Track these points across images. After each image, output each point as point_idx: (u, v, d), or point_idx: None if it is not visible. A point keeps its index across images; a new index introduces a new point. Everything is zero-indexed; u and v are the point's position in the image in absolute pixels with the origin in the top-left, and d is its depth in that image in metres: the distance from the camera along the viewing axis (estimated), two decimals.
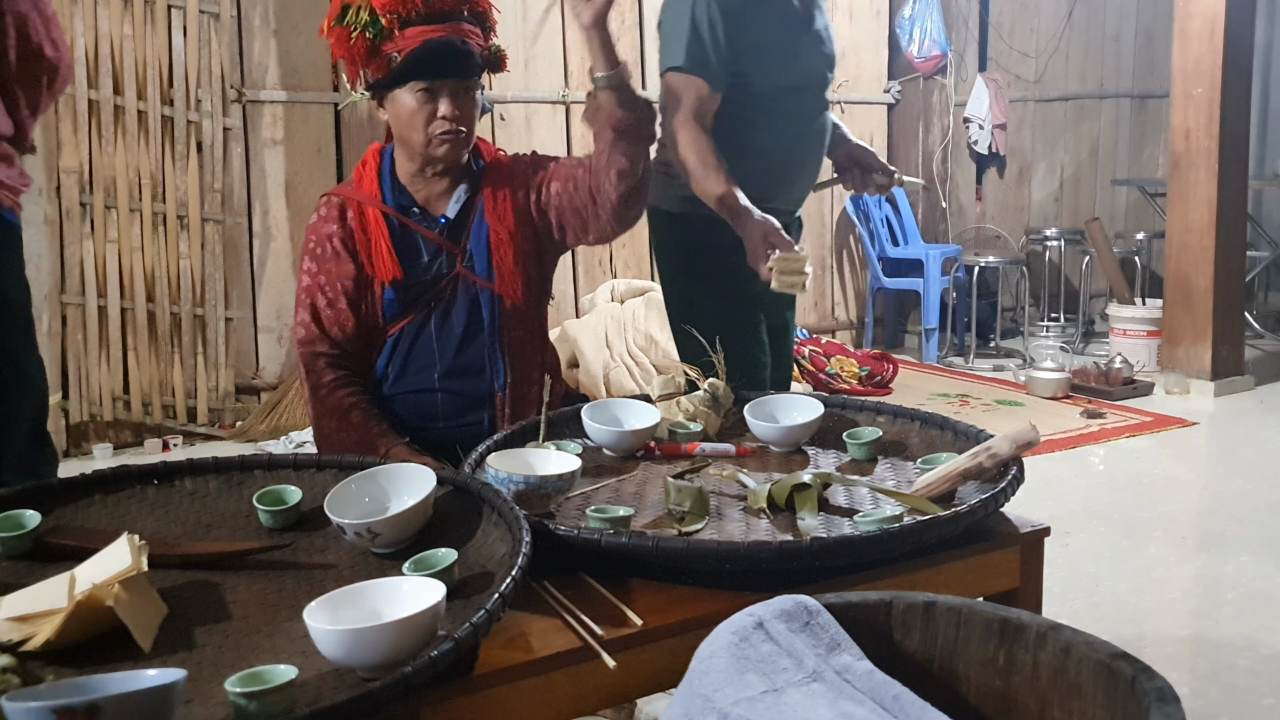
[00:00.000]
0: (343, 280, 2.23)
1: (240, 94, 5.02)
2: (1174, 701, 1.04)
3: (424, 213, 2.28)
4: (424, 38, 2.17)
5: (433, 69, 2.17)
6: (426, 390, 2.25)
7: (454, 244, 2.26)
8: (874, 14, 6.71)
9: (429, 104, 2.18)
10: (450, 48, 2.18)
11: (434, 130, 2.19)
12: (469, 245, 2.27)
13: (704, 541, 1.50)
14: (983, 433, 1.86)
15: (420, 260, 2.25)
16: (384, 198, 2.27)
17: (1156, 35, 7.72)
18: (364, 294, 2.24)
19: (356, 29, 2.17)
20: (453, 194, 2.28)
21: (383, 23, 2.15)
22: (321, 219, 2.28)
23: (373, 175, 2.29)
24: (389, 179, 2.28)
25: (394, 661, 1.18)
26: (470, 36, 2.22)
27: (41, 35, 2.27)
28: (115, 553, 1.39)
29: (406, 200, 2.27)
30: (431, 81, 2.17)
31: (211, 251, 4.97)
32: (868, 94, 6.76)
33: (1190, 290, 5.58)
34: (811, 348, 5.77)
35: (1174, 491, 4.33)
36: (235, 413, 5.08)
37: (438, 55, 2.17)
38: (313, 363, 2.23)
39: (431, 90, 2.17)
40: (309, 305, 2.24)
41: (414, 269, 2.24)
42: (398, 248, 2.24)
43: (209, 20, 4.90)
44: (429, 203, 2.28)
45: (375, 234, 2.23)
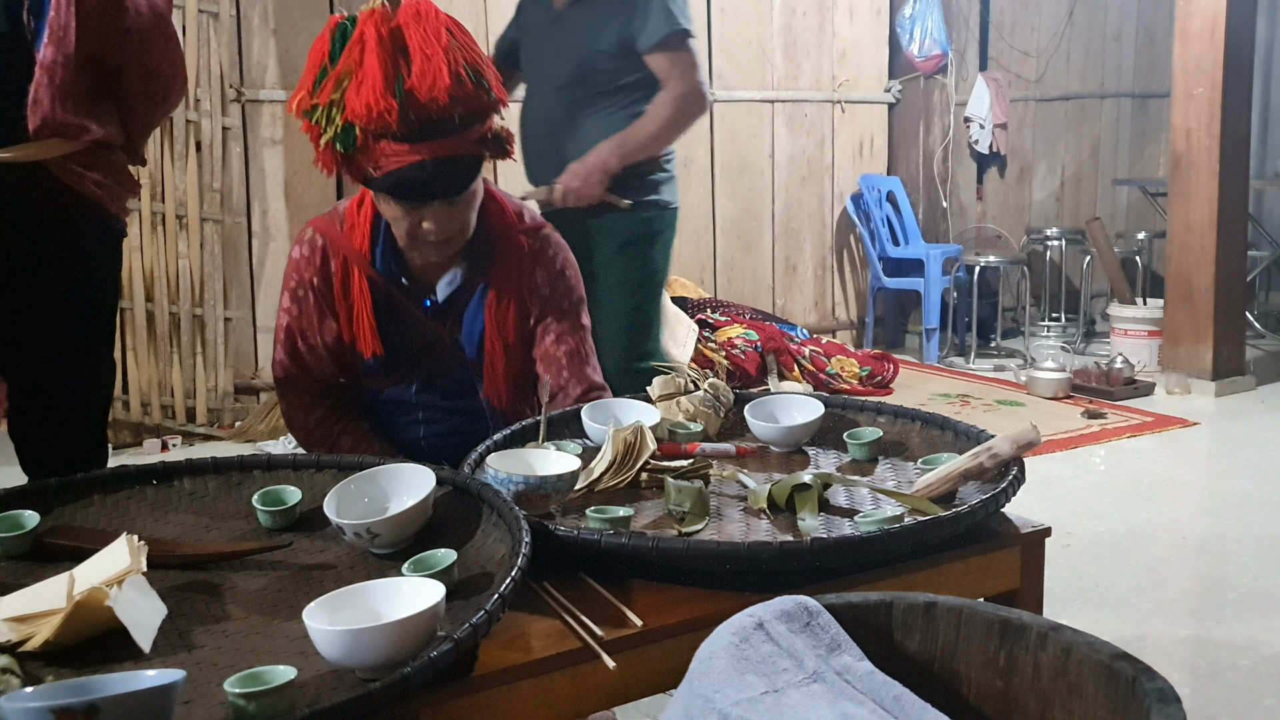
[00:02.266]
0: (323, 333, 2.08)
1: (239, 93, 5.02)
2: (1175, 702, 1.04)
3: (414, 284, 2.08)
4: (403, 161, 1.86)
5: (414, 193, 1.91)
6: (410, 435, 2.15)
7: (441, 324, 2.10)
8: (874, 13, 6.71)
9: (414, 215, 1.94)
10: (435, 173, 1.88)
11: (419, 236, 1.97)
12: (460, 330, 2.12)
13: (704, 542, 1.50)
14: (983, 433, 1.86)
15: (405, 329, 2.09)
16: (374, 259, 2.05)
17: (1157, 35, 7.72)
18: (345, 349, 2.10)
19: (324, 137, 1.87)
20: (446, 272, 2.08)
21: (356, 137, 1.86)
22: (304, 259, 2.07)
23: (366, 228, 2.05)
24: (383, 238, 2.04)
25: (393, 662, 1.18)
26: (462, 149, 1.91)
27: (160, 53, 2.36)
28: (114, 553, 1.39)
29: (398, 267, 2.06)
30: (413, 202, 1.93)
31: (210, 251, 4.97)
32: (868, 93, 6.76)
33: (1191, 290, 5.57)
34: (812, 348, 5.77)
35: (1175, 491, 4.33)
36: (234, 413, 5.07)
37: (419, 181, 1.89)
38: (293, 400, 2.13)
39: (414, 206, 1.93)
40: (288, 347, 2.10)
41: (398, 336, 2.08)
42: (382, 314, 2.06)
43: (208, 19, 4.90)
44: (421, 273, 2.08)
45: (358, 302, 2.04)
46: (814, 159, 6.61)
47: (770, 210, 6.51)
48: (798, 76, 6.50)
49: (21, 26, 2.23)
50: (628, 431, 1.79)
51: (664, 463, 1.82)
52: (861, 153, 6.80)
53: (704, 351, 5.45)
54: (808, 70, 6.53)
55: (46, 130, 2.22)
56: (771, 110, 6.42)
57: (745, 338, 5.58)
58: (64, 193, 2.29)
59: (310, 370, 2.12)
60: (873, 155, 6.85)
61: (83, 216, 2.35)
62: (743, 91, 6.30)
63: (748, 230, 6.44)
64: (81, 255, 2.37)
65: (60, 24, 2.20)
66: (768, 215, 6.50)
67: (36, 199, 2.28)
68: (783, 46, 6.42)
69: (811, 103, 6.55)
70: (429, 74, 1.82)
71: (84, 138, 2.27)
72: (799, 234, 6.62)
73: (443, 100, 1.83)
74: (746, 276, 6.47)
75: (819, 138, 6.61)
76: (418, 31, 1.84)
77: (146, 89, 2.38)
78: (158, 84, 2.39)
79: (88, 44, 2.25)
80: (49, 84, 2.21)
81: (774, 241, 6.54)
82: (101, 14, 2.25)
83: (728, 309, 5.90)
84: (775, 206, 6.52)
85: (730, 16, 6.20)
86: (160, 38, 2.36)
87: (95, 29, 2.25)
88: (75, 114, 2.25)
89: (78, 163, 2.29)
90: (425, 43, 1.84)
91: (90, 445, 2.45)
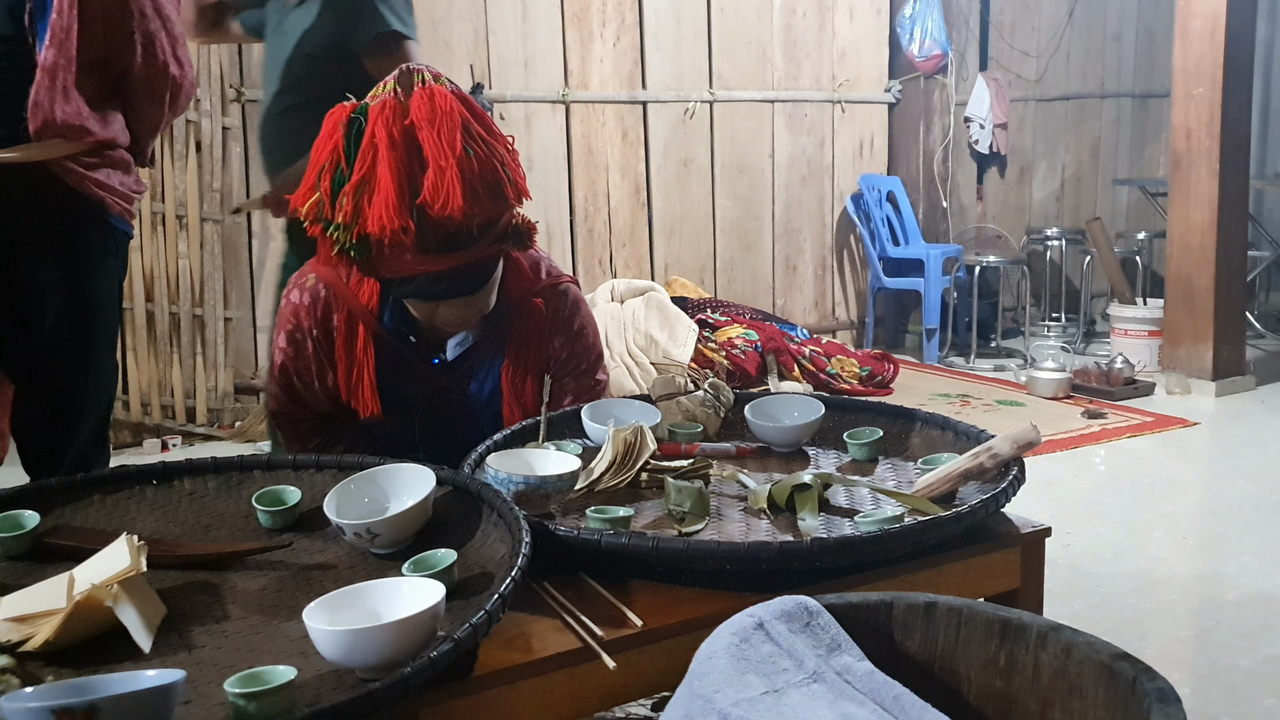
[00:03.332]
0: (320, 379, 2.01)
1: (239, 93, 5.02)
2: (1175, 702, 1.04)
3: (422, 343, 2.02)
4: (421, 269, 1.82)
5: (431, 295, 1.87)
6: None
7: (449, 379, 2.04)
8: (874, 13, 6.71)
9: (429, 305, 1.91)
10: (451, 279, 1.84)
11: (436, 321, 1.94)
12: (469, 387, 2.06)
13: (704, 542, 1.50)
14: (984, 433, 1.86)
15: (408, 386, 2.02)
16: (381, 315, 1.98)
17: (1158, 34, 7.72)
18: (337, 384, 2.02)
19: (339, 246, 1.80)
20: (457, 334, 2.03)
21: (370, 250, 1.79)
22: (305, 307, 1.98)
23: (374, 285, 1.96)
24: (393, 298, 1.96)
25: (393, 662, 1.18)
26: (480, 254, 1.86)
27: (168, 54, 2.37)
28: (114, 553, 1.39)
29: (406, 326, 1.99)
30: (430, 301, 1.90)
31: (210, 251, 4.97)
32: (868, 93, 6.76)
33: (1191, 290, 5.57)
34: (812, 348, 5.77)
35: (1175, 491, 4.33)
36: (234, 413, 5.07)
37: (435, 288, 1.86)
38: (292, 431, 2.09)
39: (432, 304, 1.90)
40: (284, 384, 2.03)
41: (399, 393, 2.01)
42: (385, 368, 1.98)
43: None
44: (427, 337, 2.03)
45: (361, 362, 1.97)
46: (814, 159, 6.61)
47: (770, 210, 6.51)
48: (798, 76, 6.50)
49: (24, 29, 2.23)
50: (628, 431, 1.79)
51: (664, 463, 1.82)
52: (861, 153, 6.80)
53: (704, 351, 5.45)
54: (808, 70, 6.53)
55: (48, 132, 2.23)
56: (771, 110, 6.42)
57: (745, 338, 5.58)
58: (66, 194, 2.30)
59: (306, 406, 2.08)
60: (873, 155, 6.85)
61: (85, 218, 2.35)
62: (743, 91, 6.30)
63: (748, 230, 6.44)
64: (83, 256, 2.37)
65: (62, 26, 2.20)
66: (768, 215, 6.50)
67: (38, 200, 2.28)
68: (783, 46, 6.42)
69: (811, 103, 6.55)
70: (442, 190, 1.74)
71: (86, 139, 2.28)
72: (799, 234, 6.62)
73: (457, 218, 1.76)
74: (746, 276, 6.47)
75: (819, 138, 6.61)
76: (431, 136, 1.75)
77: (153, 91, 2.38)
78: (164, 86, 2.39)
79: (92, 46, 2.25)
80: (50, 86, 2.21)
81: (774, 241, 6.54)
82: (105, 17, 2.25)
83: (728, 309, 5.90)
84: (775, 206, 6.52)
85: (730, 16, 6.20)
86: (167, 38, 2.36)
87: (100, 32, 2.25)
88: (77, 116, 2.25)
89: (80, 164, 2.29)
90: (439, 153, 1.75)
91: (92, 446, 2.45)
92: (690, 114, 6.11)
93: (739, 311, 5.93)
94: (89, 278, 2.38)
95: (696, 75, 6.14)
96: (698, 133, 6.18)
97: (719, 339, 5.57)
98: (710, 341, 5.54)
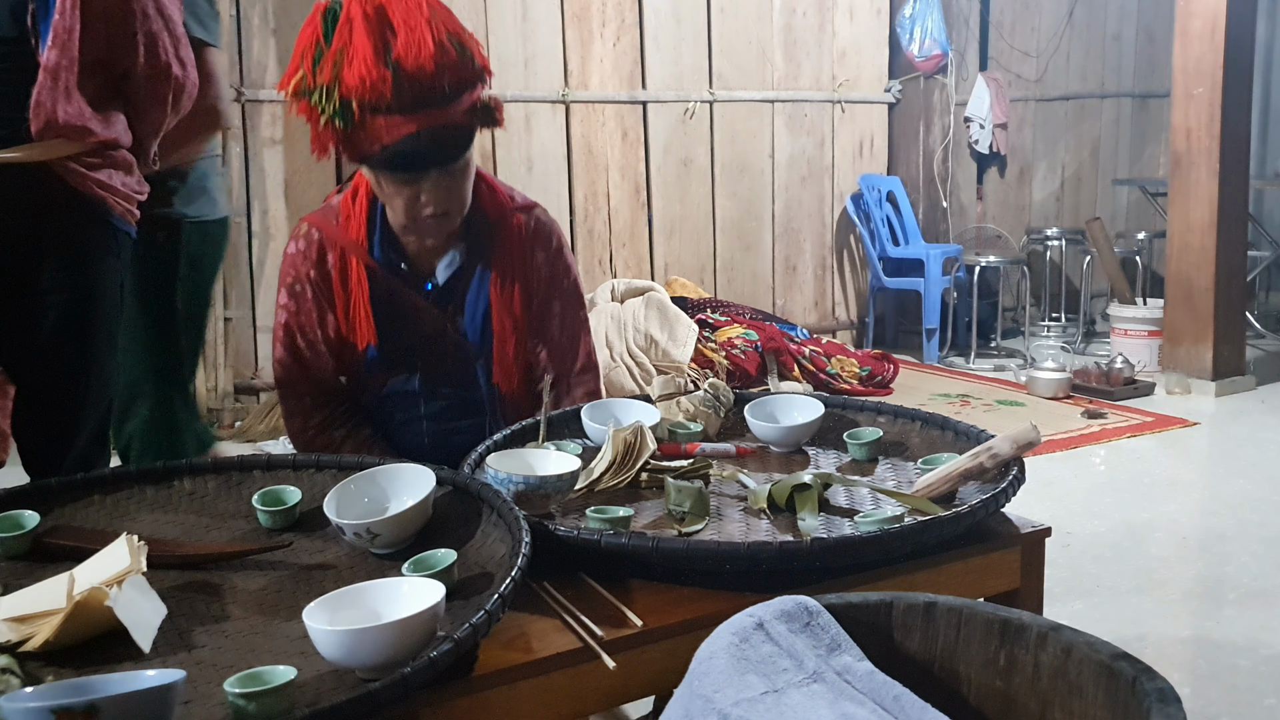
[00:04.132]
0: (322, 328, 2.08)
1: (239, 93, 5.02)
2: (1175, 702, 1.04)
3: (412, 270, 2.10)
4: (400, 132, 1.91)
5: (411, 163, 1.95)
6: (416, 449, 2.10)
7: (442, 309, 2.11)
8: (874, 13, 6.71)
9: (409, 188, 1.97)
10: (430, 142, 1.93)
11: (417, 213, 1.99)
12: (462, 314, 2.13)
13: (704, 542, 1.50)
14: (984, 433, 1.86)
15: (405, 320, 2.09)
16: (371, 248, 2.07)
17: (1157, 34, 7.72)
18: (345, 345, 2.10)
19: (324, 114, 1.91)
20: (445, 255, 2.11)
21: (353, 112, 1.90)
22: (300, 253, 2.09)
23: (361, 217, 2.07)
24: (379, 225, 2.07)
25: (393, 662, 1.18)
26: (454, 117, 1.95)
27: (170, 54, 2.36)
28: (114, 553, 1.39)
29: (395, 254, 2.08)
30: (411, 173, 1.96)
31: None
32: (868, 93, 6.76)
33: (1191, 290, 5.57)
34: (812, 348, 5.77)
35: (1175, 491, 4.33)
36: (234, 413, 5.07)
37: (414, 151, 1.93)
38: (293, 405, 2.11)
39: (412, 178, 1.96)
40: (288, 345, 2.09)
41: (398, 328, 2.09)
42: (381, 305, 2.07)
43: None
44: (419, 258, 2.10)
45: (355, 292, 2.05)
46: (814, 159, 6.61)
47: (770, 210, 6.51)
48: (798, 76, 6.50)
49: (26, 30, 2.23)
50: (628, 431, 1.79)
51: (664, 463, 1.82)
52: (861, 153, 6.80)
53: (704, 351, 5.46)
54: (808, 70, 6.53)
55: (50, 132, 2.23)
56: (771, 110, 6.42)
57: (745, 338, 5.58)
58: (68, 194, 2.30)
59: (311, 370, 2.12)
60: (873, 155, 6.85)
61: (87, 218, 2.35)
62: (743, 91, 6.30)
63: (748, 230, 6.44)
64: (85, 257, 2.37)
65: (65, 27, 2.20)
66: (768, 215, 6.50)
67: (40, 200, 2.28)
68: (783, 46, 6.42)
69: (811, 103, 6.55)
70: (414, 43, 1.88)
71: (88, 140, 2.28)
72: (799, 234, 6.62)
73: (429, 68, 1.89)
74: (746, 276, 6.47)
75: (819, 138, 6.61)
76: (400, 6, 1.91)
77: (155, 92, 2.37)
78: (167, 87, 2.38)
79: (94, 47, 2.25)
80: (52, 86, 2.21)
81: (774, 241, 6.54)
82: (108, 17, 2.25)
83: (728, 309, 5.90)
84: (775, 206, 6.52)
85: (730, 16, 6.20)
86: (169, 38, 2.36)
87: (102, 32, 2.25)
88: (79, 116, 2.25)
89: (82, 164, 2.29)
90: (408, 15, 1.90)
91: (93, 446, 2.45)
92: (690, 114, 6.11)
93: (739, 311, 5.93)
94: (90, 278, 2.38)
95: (696, 75, 6.14)
96: (698, 133, 6.18)
97: (719, 339, 5.57)
98: (710, 341, 5.54)
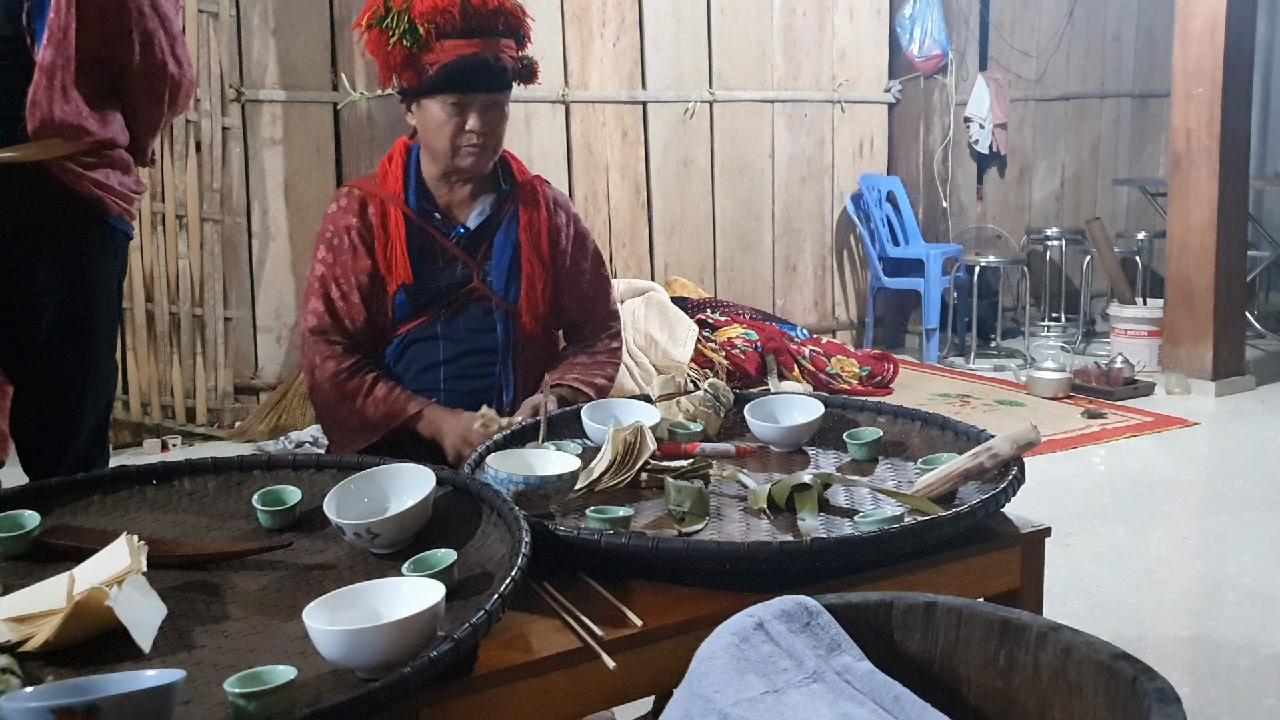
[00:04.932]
0: (358, 275, 2.24)
1: (239, 93, 5.02)
2: (1175, 702, 1.04)
3: (445, 219, 2.29)
4: (459, 52, 2.18)
5: (464, 83, 2.18)
6: (430, 378, 2.26)
7: (471, 257, 2.27)
8: (874, 13, 6.71)
9: (458, 116, 2.19)
10: (483, 63, 2.19)
11: (461, 141, 2.21)
12: (488, 261, 2.28)
13: (704, 542, 1.50)
14: (984, 433, 1.86)
15: (435, 267, 2.26)
16: (407, 199, 2.27)
17: (1157, 34, 7.72)
18: (377, 291, 2.25)
19: (394, 36, 2.17)
20: (475, 205, 2.30)
21: (421, 33, 2.16)
22: (341, 209, 2.28)
23: (398, 173, 2.29)
24: (414, 179, 2.29)
25: (393, 662, 1.18)
26: (504, 51, 2.23)
27: (166, 53, 2.37)
28: (114, 553, 1.39)
29: (429, 204, 2.28)
30: (462, 95, 2.18)
31: (210, 251, 4.97)
32: (868, 93, 6.76)
33: (1191, 290, 5.57)
34: (812, 348, 5.77)
35: (1175, 491, 4.33)
36: (234, 413, 5.07)
37: (470, 71, 2.18)
38: (326, 350, 2.23)
39: (461, 103, 2.19)
40: (323, 295, 2.24)
41: (428, 275, 2.25)
42: (414, 252, 2.24)
43: (208, 19, 4.90)
44: (450, 209, 2.29)
45: (394, 234, 2.24)
46: (814, 159, 6.61)
47: (770, 210, 6.51)
48: (798, 76, 6.50)
49: (22, 29, 2.23)
50: (628, 431, 1.79)
51: (664, 463, 1.82)
52: (861, 153, 6.80)
53: (704, 351, 5.46)
54: (808, 70, 6.53)
55: (46, 131, 2.23)
56: (771, 110, 6.42)
57: (745, 338, 5.58)
58: (64, 194, 2.30)
59: (344, 318, 2.24)
60: (873, 155, 6.85)
61: (84, 218, 2.35)
62: (743, 91, 6.30)
63: (748, 230, 6.44)
64: (82, 257, 2.37)
65: (60, 26, 2.20)
66: (768, 215, 6.50)
67: (36, 200, 2.28)
68: (783, 46, 6.42)
69: (811, 103, 6.55)
70: None
71: (84, 139, 2.27)
72: (799, 234, 6.62)
73: (492, 4, 2.18)
74: (746, 276, 6.47)
75: (819, 138, 6.61)
76: None
77: (152, 90, 2.38)
78: (163, 85, 2.39)
79: (90, 46, 2.25)
80: (48, 85, 2.21)
81: (774, 241, 6.54)
82: (103, 16, 2.25)
83: (728, 309, 5.90)
84: (775, 206, 6.52)
85: (730, 16, 6.20)
86: (165, 36, 2.36)
87: (98, 31, 2.25)
88: (76, 115, 2.25)
89: (78, 164, 2.29)
90: None
91: (92, 446, 2.45)
92: (690, 114, 6.11)
93: (739, 311, 5.93)
94: (88, 278, 2.38)
95: (696, 75, 6.14)
96: (698, 133, 6.18)
97: (719, 339, 5.57)
98: (710, 341, 5.54)
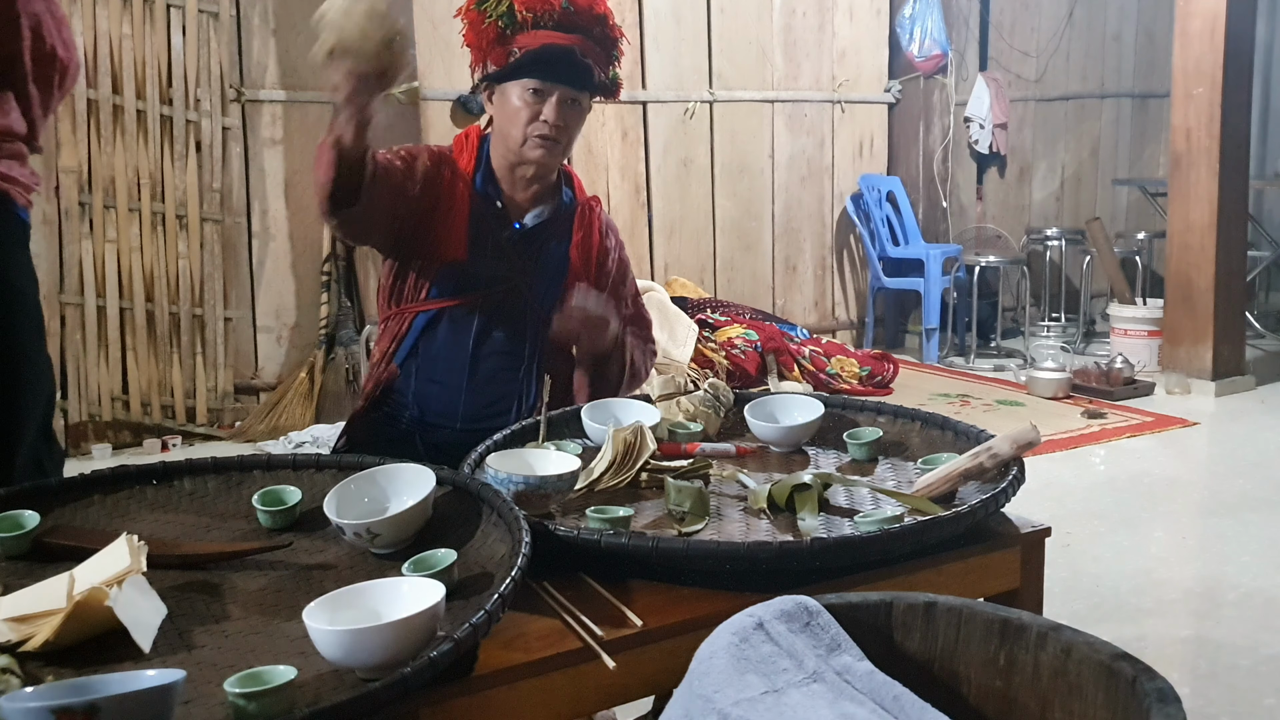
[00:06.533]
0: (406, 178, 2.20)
1: (239, 93, 5.02)
2: (1175, 702, 1.04)
3: (504, 212, 2.30)
4: (549, 40, 2.22)
5: (548, 71, 2.20)
6: (451, 388, 2.24)
7: (519, 255, 2.28)
8: (874, 13, 6.71)
9: (535, 105, 2.20)
10: (570, 55, 2.22)
11: (533, 131, 2.21)
12: (535, 266, 2.29)
13: (704, 542, 1.50)
14: (983, 433, 1.86)
15: (484, 255, 2.27)
16: (475, 181, 2.30)
17: (1157, 35, 7.72)
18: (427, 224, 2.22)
19: (491, 16, 2.24)
20: (535, 206, 2.31)
21: (518, 17, 2.22)
22: (429, 149, 2.31)
23: (472, 154, 2.32)
24: (484, 165, 2.31)
25: (393, 662, 1.18)
26: (592, 54, 2.26)
27: (54, 37, 2.31)
28: (114, 553, 1.39)
29: (494, 191, 2.30)
30: (544, 83, 2.19)
31: (210, 251, 4.97)
32: (868, 93, 6.76)
33: (1191, 290, 5.57)
34: (812, 348, 5.77)
35: (1175, 491, 4.33)
36: (234, 413, 5.07)
37: (556, 59, 2.21)
38: None
39: (541, 91, 2.20)
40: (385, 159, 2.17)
41: (476, 260, 2.26)
42: (472, 229, 2.26)
43: (208, 19, 4.90)
44: (511, 203, 2.31)
45: (459, 205, 2.26)
46: (814, 159, 6.61)
47: (770, 210, 6.51)
48: (798, 76, 6.50)
49: None
50: (628, 431, 1.79)
51: (664, 463, 1.82)
52: (861, 153, 6.80)
53: (704, 351, 5.45)
54: (808, 70, 6.53)
55: None
56: (771, 110, 6.42)
57: (745, 338, 5.58)
58: None
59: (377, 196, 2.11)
60: (873, 155, 6.85)
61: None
62: (743, 91, 6.30)
63: (748, 230, 6.44)
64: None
65: None
66: (768, 215, 6.50)
67: None
68: (783, 46, 6.42)
69: (811, 103, 6.55)
70: None
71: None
72: (799, 234, 6.62)
73: (596, 10, 2.25)
74: (746, 276, 6.47)
75: (819, 138, 6.61)
76: None
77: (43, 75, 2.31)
78: (53, 70, 2.32)
79: None
80: None
81: (774, 241, 6.54)
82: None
83: (728, 309, 5.90)
84: (775, 206, 6.52)
85: (730, 16, 6.20)
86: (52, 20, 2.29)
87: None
88: None
89: None
90: None
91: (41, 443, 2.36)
92: (690, 114, 6.11)
93: (739, 311, 5.93)
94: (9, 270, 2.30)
95: (696, 75, 6.14)
96: (697, 133, 6.18)
97: (719, 339, 5.57)
98: (710, 341, 5.54)
